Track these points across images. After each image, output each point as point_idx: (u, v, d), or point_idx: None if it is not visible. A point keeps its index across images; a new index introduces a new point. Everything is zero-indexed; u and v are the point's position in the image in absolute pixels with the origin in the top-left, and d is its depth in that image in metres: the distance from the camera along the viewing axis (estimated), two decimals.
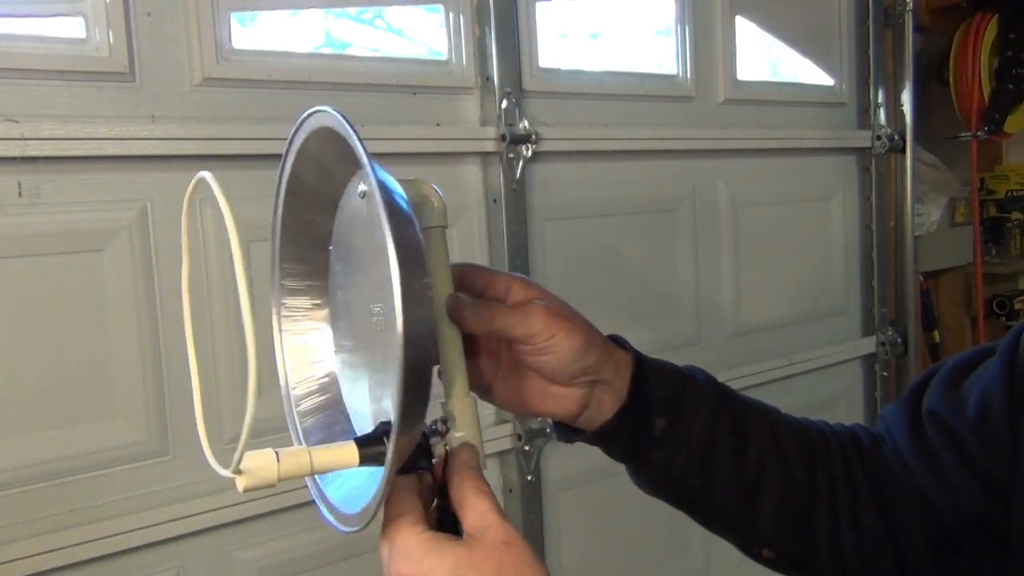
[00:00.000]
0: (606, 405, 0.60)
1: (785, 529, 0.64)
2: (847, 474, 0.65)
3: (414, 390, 0.44)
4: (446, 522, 0.50)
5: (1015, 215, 2.40)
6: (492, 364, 0.60)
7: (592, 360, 0.58)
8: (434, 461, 0.51)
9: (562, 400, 0.59)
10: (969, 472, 0.61)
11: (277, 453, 0.46)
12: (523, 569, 0.46)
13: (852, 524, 0.64)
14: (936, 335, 2.23)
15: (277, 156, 0.55)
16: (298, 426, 0.57)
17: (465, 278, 0.58)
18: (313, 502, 0.53)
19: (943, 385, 0.64)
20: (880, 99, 2.01)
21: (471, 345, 0.58)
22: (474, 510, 0.48)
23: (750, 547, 0.66)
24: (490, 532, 0.47)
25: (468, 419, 0.53)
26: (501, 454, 1.44)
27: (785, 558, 0.65)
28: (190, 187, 0.47)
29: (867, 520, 0.64)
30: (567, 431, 0.63)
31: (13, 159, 0.98)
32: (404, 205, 0.45)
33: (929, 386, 0.66)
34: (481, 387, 0.60)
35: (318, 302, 0.57)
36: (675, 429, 0.62)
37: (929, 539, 0.64)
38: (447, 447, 0.52)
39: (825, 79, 1.99)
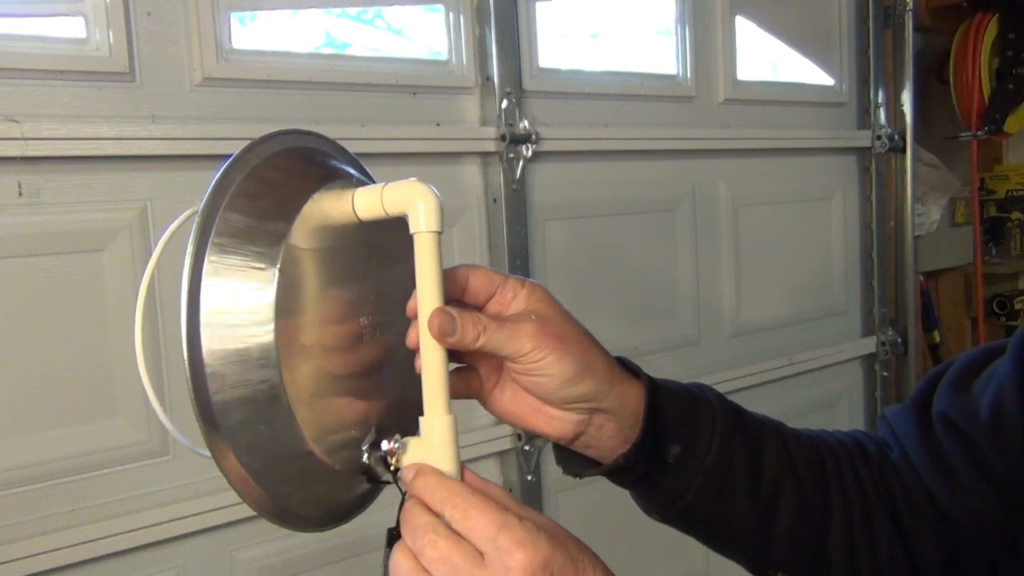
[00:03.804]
0: (607, 433, 0.57)
1: (800, 551, 0.63)
2: (859, 488, 0.64)
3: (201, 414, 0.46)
4: (396, 535, 0.50)
5: (1015, 215, 2.40)
6: (491, 373, 0.58)
7: (587, 389, 0.55)
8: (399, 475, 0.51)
9: (556, 423, 0.57)
10: (982, 477, 0.59)
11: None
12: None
13: (866, 540, 0.63)
14: (936, 335, 2.23)
15: None
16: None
17: (471, 282, 0.55)
18: None
19: (953, 387, 0.62)
20: (880, 99, 2.01)
21: (469, 352, 0.57)
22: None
23: (764, 571, 0.64)
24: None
25: (446, 439, 0.51)
26: (501, 454, 1.44)
27: None
28: (179, 221, 0.47)
29: (881, 535, 0.63)
30: (570, 461, 0.60)
31: (13, 159, 0.98)
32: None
33: (937, 388, 0.64)
34: (478, 395, 0.58)
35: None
36: (690, 456, 0.59)
37: (941, 549, 0.62)
38: (393, 466, 0.52)
39: (825, 79, 1.99)
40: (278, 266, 0.47)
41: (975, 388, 0.61)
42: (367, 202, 0.52)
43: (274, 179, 0.50)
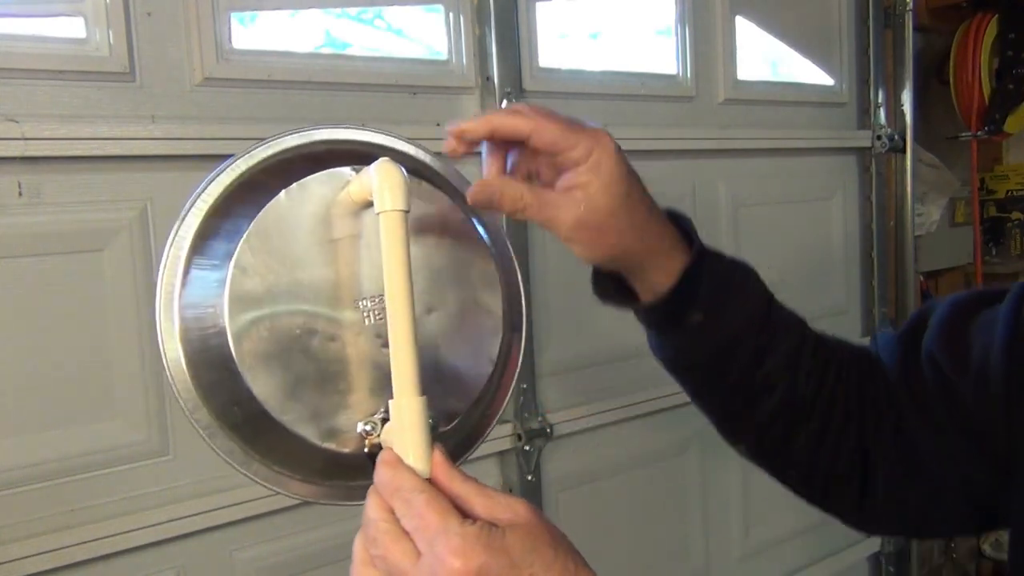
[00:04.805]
0: (636, 282, 0.65)
1: (771, 443, 0.68)
2: (858, 398, 0.68)
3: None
4: None
5: (1015, 215, 2.40)
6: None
7: (620, 265, 0.63)
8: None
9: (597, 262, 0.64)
10: (957, 425, 0.62)
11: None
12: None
13: (831, 450, 0.67)
14: None
15: None
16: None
17: (533, 139, 0.59)
18: None
19: (943, 331, 0.65)
20: (880, 99, 2.01)
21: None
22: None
23: (731, 440, 0.71)
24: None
25: (413, 422, 0.50)
26: (501, 454, 1.43)
27: (759, 456, 0.70)
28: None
29: (844, 446, 0.67)
30: (600, 282, 0.68)
31: (13, 159, 0.98)
32: None
33: (927, 329, 0.66)
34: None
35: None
36: (708, 329, 0.64)
37: (894, 473, 0.66)
38: (367, 448, 0.53)
39: (825, 79, 1.99)
40: (232, 261, 0.53)
41: (968, 337, 0.63)
42: (355, 188, 0.55)
43: (259, 180, 0.57)
